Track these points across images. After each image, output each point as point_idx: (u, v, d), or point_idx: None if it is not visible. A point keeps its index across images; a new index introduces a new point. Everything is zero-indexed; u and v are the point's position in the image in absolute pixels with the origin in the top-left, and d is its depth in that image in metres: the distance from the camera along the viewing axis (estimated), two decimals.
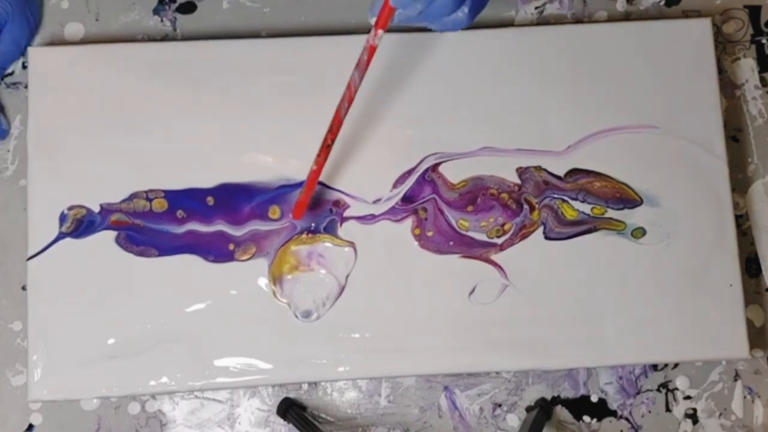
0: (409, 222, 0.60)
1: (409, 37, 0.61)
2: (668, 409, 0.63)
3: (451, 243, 0.60)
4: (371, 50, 0.48)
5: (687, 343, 0.60)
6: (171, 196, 0.60)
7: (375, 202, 0.60)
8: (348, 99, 0.51)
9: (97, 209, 0.59)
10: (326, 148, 0.54)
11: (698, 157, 0.62)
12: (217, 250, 0.59)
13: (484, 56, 0.62)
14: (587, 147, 0.62)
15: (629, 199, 0.61)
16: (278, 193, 0.60)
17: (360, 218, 0.60)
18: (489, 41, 0.62)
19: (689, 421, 0.63)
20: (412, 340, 0.59)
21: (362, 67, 0.49)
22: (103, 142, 0.60)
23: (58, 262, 0.58)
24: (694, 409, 0.63)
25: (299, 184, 0.60)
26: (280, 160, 0.60)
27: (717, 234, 0.61)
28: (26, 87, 0.61)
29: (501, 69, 0.62)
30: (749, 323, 0.61)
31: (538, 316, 0.59)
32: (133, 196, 0.60)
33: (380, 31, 0.47)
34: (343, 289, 0.59)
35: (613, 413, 0.62)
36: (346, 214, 0.60)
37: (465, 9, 0.48)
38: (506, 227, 0.61)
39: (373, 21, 0.48)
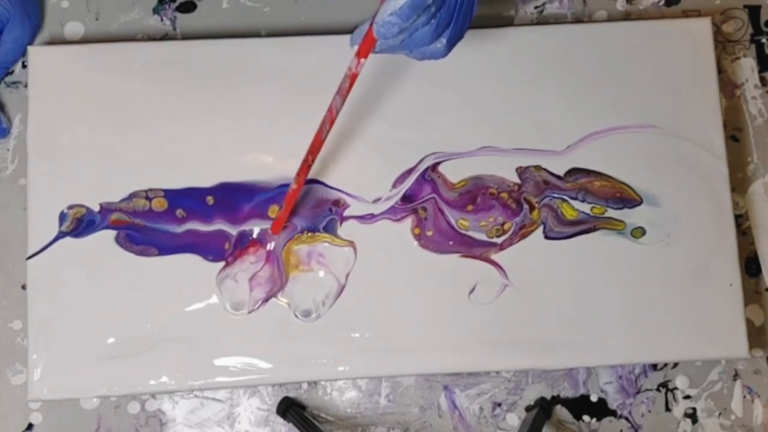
0: (408, 221, 0.60)
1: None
2: (668, 409, 0.63)
3: (451, 242, 0.60)
4: (353, 77, 0.49)
5: (687, 342, 0.60)
6: (171, 195, 0.60)
7: (375, 201, 0.60)
8: (329, 121, 0.52)
9: (96, 208, 0.59)
10: (306, 167, 0.54)
11: (698, 157, 0.62)
12: (217, 250, 0.59)
13: (484, 56, 0.62)
14: (587, 146, 0.62)
15: (629, 199, 0.61)
16: (278, 192, 0.60)
17: (360, 218, 0.60)
18: (489, 41, 0.62)
19: (689, 421, 0.63)
20: (412, 339, 0.59)
21: (343, 93, 0.50)
22: (102, 141, 0.60)
23: (57, 261, 0.58)
24: (694, 409, 0.63)
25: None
26: (279, 159, 0.60)
27: (717, 234, 0.61)
28: (26, 86, 0.61)
29: (501, 69, 0.62)
30: (749, 323, 0.61)
31: (537, 316, 0.59)
32: (132, 196, 0.60)
33: (362, 60, 0.48)
34: (342, 288, 0.59)
35: (613, 413, 0.62)
36: (346, 213, 0.60)
37: (443, 40, 0.50)
38: (506, 227, 0.61)
39: (354, 49, 0.49)
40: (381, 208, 0.60)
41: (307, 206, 0.60)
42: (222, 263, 0.59)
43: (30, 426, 0.60)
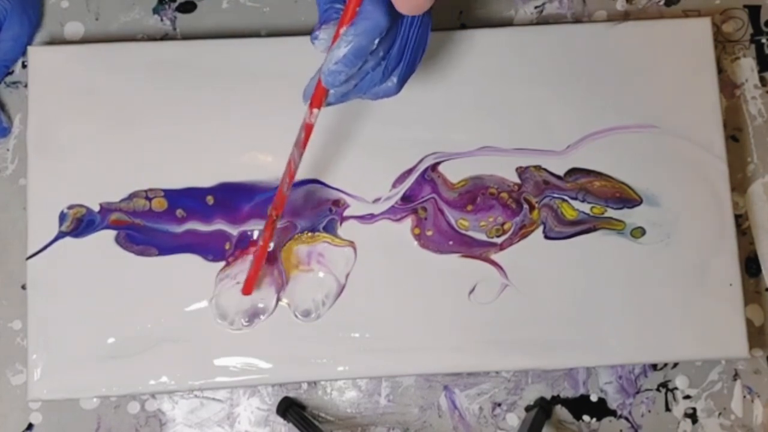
0: (408, 221, 0.60)
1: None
2: (668, 409, 0.63)
3: (451, 242, 0.60)
4: (308, 129, 0.49)
5: (687, 342, 0.60)
6: (170, 195, 0.60)
7: (374, 201, 0.60)
8: (289, 176, 0.52)
9: (96, 208, 0.59)
10: (272, 223, 0.54)
11: (698, 157, 0.62)
12: (217, 250, 0.59)
13: (483, 56, 0.62)
14: (587, 146, 0.62)
15: (629, 199, 0.61)
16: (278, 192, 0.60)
17: (360, 218, 0.60)
18: (489, 41, 0.62)
19: (689, 421, 0.63)
20: (412, 339, 0.59)
21: (300, 145, 0.50)
22: (102, 141, 0.60)
23: (57, 261, 0.58)
24: (694, 409, 0.63)
25: (299, 184, 0.60)
26: (279, 159, 0.60)
27: (717, 234, 0.61)
28: (26, 86, 0.61)
29: (501, 69, 0.62)
30: (749, 323, 0.61)
31: (537, 316, 0.59)
32: (132, 196, 0.60)
33: (315, 110, 0.48)
34: (342, 288, 0.59)
35: (613, 413, 0.62)
36: (346, 213, 0.60)
37: (394, 79, 0.49)
38: (506, 227, 0.61)
39: (307, 104, 0.49)
40: (381, 208, 0.60)
41: (307, 206, 0.60)
42: (222, 263, 0.59)
43: (30, 426, 0.60)
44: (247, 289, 0.58)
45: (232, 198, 0.60)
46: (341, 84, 0.47)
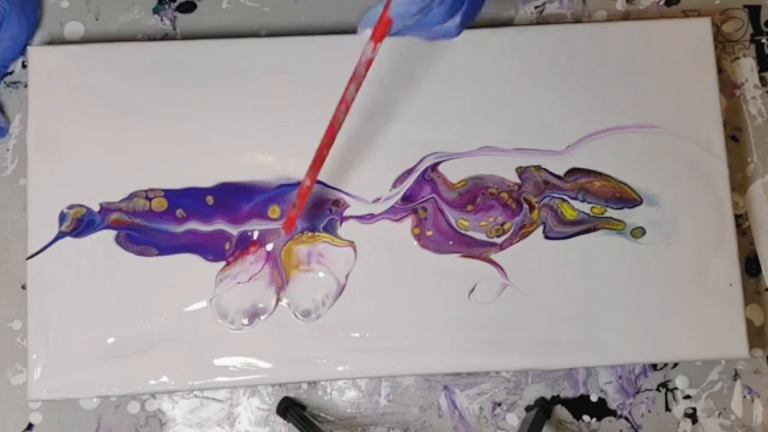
0: (408, 221, 0.60)
1: (409, 38, 0.61)
2: (668, 409, 0.63)
3: (451, 242, 0.60)
4: (369, 63, 0.48)
5: (687, 342, 0.60)
6: (171, 195, 0.60)
7: (374, 201, 0.60)
8: (345, 111, 0.51)
9: (96, 208, 0.59)
10: (322, 160, 0.53)
11: (698, 157, 0.62)
12: (217, 250, 0.59)
13: (483, 56, 0.62)
14: (587, 146, 0.62)
15: (629, 199, 0.61)
16: (278, 192, 0.60)
17: (360, 218, 0.60)
18: (489, 41, 0.62)
19: (689, 421, 0.63)
20: (411, 339, 0.59)
21: (359, 80, 0.48)
22: (102, 141, 0.60)
23: (57, 261, 0.58)
24: (694, 409, 0.63)
25: (298, 184, 0.60)
26: (280, 159, 0.60)
27: (717, 234, 0.61)
28: (26, 86, 0.61)
29: (501, 69, 0.62)
30: (749, 323, 0.61)
31: (537, 316, 0.59)
32: (132, 196, 0.60)
33: (378, 45, 0.46)
34: (343, 288, 0.59)
35: (613, 413, 0.62)
36: (346, 213, 0.60)
37: (456, 19, 0.48)
38: (506, 227, 0.61)
39: (365, 33, 0.46)
40: (381, 208, 0.60)
41: (307, 206, 0.60)
42: (222, 263, 0.59)
43: (30, 426, 0.60)
44: (287, 227, 0.57)
45: (232, 198, 0.60)
46: (411, 16, 0.45)
